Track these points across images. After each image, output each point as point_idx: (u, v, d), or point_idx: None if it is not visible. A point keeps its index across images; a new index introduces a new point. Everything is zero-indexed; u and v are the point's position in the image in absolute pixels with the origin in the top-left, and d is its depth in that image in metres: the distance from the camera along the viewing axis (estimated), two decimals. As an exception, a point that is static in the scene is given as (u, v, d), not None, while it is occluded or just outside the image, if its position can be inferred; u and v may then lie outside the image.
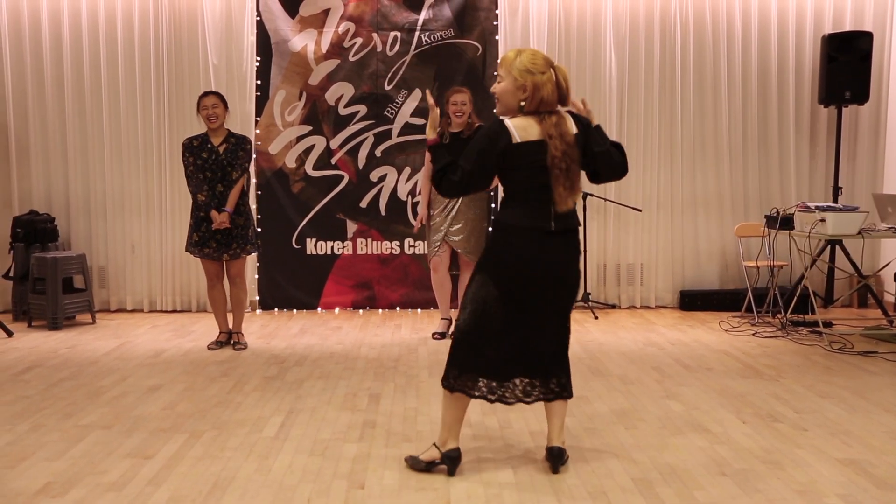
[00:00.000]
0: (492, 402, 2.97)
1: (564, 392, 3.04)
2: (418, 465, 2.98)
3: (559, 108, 2.91)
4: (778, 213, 5.67)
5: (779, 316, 5.81)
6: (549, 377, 3.02)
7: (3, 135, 6.41)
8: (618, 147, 3.07)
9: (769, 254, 5.86)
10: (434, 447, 2.97)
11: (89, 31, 6.35)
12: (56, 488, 2.91)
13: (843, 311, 6.47)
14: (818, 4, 6.57)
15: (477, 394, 2.94)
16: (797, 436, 3.44)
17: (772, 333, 5.54)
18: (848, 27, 6.50)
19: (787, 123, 6.63)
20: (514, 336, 2.92)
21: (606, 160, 3.00)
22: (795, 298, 5.73)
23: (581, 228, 3.02)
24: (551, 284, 2.91)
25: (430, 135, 3.04)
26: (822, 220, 5.22)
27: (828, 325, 5.65)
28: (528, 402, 3.02)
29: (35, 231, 6.17)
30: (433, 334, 5.51)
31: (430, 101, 3.13)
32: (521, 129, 2.84)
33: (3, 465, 3.13)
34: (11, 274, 6.24)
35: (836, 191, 6.44)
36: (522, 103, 2.86)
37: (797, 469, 3.06)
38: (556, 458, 3.02)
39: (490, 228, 3.01)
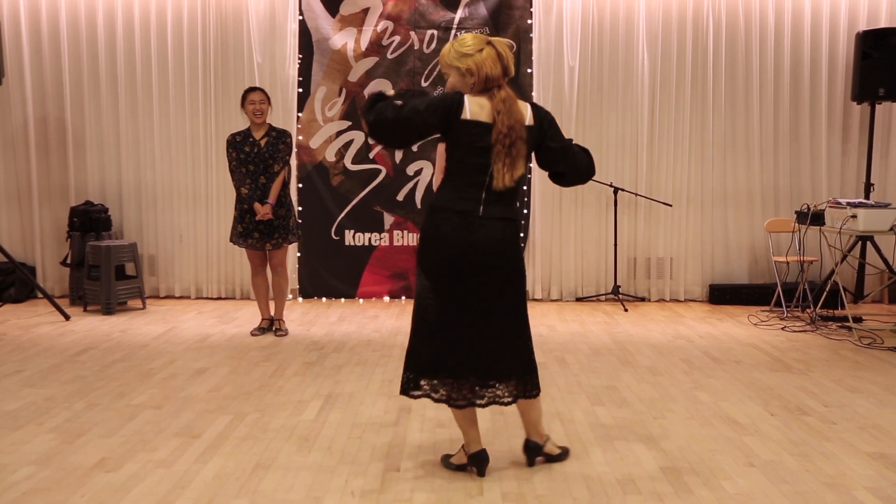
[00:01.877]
0: (435, 401, 2.78)
1: (529, 391, 2.83)
2: (449, 467, 2.92)
3: (509, 89, 2.74)
4: (809, 208, 5.56)
5: (808, 311, 5.70)
6: (509, 378, 2.79)
7: (61, 129, 6.56)
8: (584, 150, 2.93)
9: (799, 249, 5.75)
10: (462, 450, 2.89)
11: (141, 32, 6.46)
12: (110, 463, 2.98)
13: (873, 307, 6.32)
14: (853, 1, 6.41)
15: (418, 393, 2.78)
16: (826, 429, 3.38)
17: (801, 328, 5.44)
18: (883, 24, 6.32)
19: (819, 120, 6.48)
20: (452, 333, 2.72)
21: (570, 159, 2.85)
22: (825, 293, 5.61)
23: (522, 220, 2.83)
24: (482, 270, 2.70)
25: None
26: (854, 217, 5.10)
27: (857, 320, 5.53)
28: (481, 405, 2.79)
29: (90, 221, 6.32)
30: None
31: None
32: (476, 105, 2.68)
33: (62, 440, 3.22)
34: (68, 261, 6.39)
35: (868, 187, 6.29)
36: (472, 86, 2.71)
37: (826, 462, 3.01)
38: (531, 451, 2.91)
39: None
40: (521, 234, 2.88)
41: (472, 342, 2.75)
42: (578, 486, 2.80)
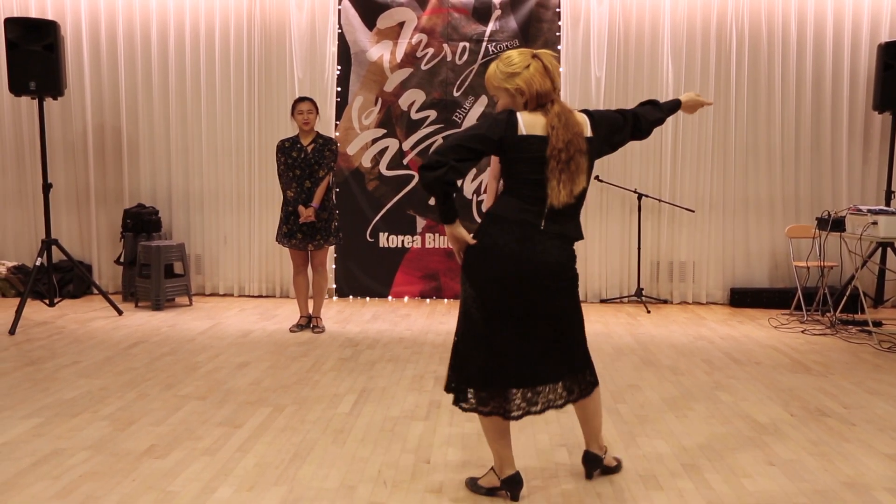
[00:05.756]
0: (486, 414, 2.51)
1: (583, 389, 2.63)
2: (479, 491, 2.64)
3: (563, 103, 2.51)
4: (829, 215, 5.44)
5: (828, 314, 5.57)
6: (556, 380, 2.57)
7: (117, 137, 6.70)
8: (655, 106, 2.75)
9: (819, 254, 5.64)
10: (492, 472, 2.62)
11: (191, 47, 6.56)
12: (159, 450, 3.03)
13: (893, 312, 6.16)
14: (875, 13, 6.26)
15: (466, 406, 2.53)
16: (845, 430, 3.30)
17: (821, 331, 5.32)
18: (905, 35, 6.17)
19: (841, 128, 6.34)
20: (498, 343, 2.46)
21: (640, 121, 2.70)
22: (845, 298, 5.48)
23: (582, 242, 2.59)
24: (533, 289, 2.45)
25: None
26: (874, 223, 4.98)
27: (877, 324, 5.39)
28: (536, 412, 2.55)
29: (142, 222, 6.43)
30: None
31: None
32: (529, 122, 2.43)
33: (115, 427, 3.28)
34: (122, 260, 6.52)
35: (889, 194, 6.14)
36: (525, 105, 2.48)
37: (845, 462, 2.94)
38: (591, 463, 2.71)
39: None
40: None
41: (518, 351, 2.49)
42: (602, 481, 2.76)
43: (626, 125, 2.69)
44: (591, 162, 2.53)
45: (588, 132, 2.53)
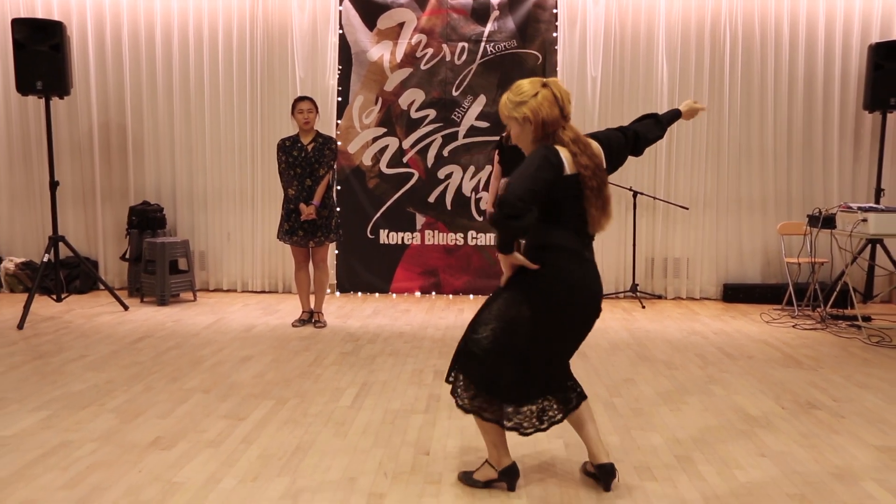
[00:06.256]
0: (507, 429, 2.54)
1: (578, 398, 2.66)
2: (475, 485, 2.64)
3: (574, 127, 2.51)
4: (820, 212, 5.47)
5: (819, 310, 5.60)
6: (545, 395, 2.60)
7: (122, 135, 6.71)
8: (655, 121, 2.85)
9: (811, 251, 5.66)
10: (488, 465, 2.63)
11: (195, 47, 6.57)
12: (164, 442, 3.05)
13: (882, 307, 6.19)
14: (866, 14, 6.28)
15: (489, 416, 2.53)
16: (835, 422, 3.32)
17: (811, 326, 5.35)
18: (895, 36, 6.18)
19: (832, 127, 6.36)
20: (534, 361, 2.50)
21: (638, 138, 2.78)
22: (835, 293, 5.51)
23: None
24: (583, 315, 2.52)
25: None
26: (864, 220, 5.01)
27: (866, 319, 5.42)
28: (543, 430, 2.59)
29: (147, 219, 6.45)
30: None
31: None
32: (567, 160, 2.43)
33: (121, 419, 3.30)
34: (127, 256, 6.53)
35: (879, 192, 6.16)
36: (533, 133, 2.48)
37: (834, 454, 2.97)
38: (607, 476, 2.61)
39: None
40: None
41: (546, 370, 2.55)
42: (596, 471, 2.79)
43: (626, 146, 2.75)
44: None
45: (604, 163, 2.57)
